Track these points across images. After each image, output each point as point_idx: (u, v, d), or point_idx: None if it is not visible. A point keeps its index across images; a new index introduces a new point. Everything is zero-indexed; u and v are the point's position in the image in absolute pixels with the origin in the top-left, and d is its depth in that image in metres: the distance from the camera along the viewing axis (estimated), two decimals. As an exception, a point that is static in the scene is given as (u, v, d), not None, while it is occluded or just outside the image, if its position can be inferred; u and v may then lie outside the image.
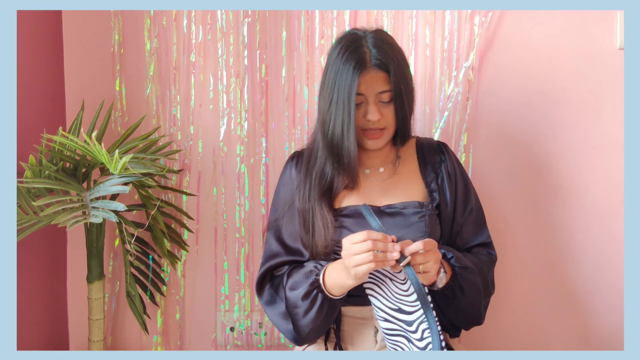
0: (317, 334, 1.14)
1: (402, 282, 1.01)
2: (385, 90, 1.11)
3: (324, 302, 1.08)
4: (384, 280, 1.03)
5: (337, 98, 1.10)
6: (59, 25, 1.48)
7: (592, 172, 1.46)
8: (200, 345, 1.54)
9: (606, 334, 1.49)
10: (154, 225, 1.35)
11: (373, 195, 1.17)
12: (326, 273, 1.07)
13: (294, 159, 1.23)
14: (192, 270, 1.53)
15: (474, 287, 1.12)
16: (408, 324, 1.02)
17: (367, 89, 1.10)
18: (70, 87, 1.49)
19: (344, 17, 1.45)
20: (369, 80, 1.10)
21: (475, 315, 1.17)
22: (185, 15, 1.46)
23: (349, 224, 1.13)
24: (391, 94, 1.11)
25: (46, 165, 1.20)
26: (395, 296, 1.02)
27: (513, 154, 1.47)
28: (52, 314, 1.46)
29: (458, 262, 1.10)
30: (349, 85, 1.08)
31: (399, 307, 1.02)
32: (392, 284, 1.02)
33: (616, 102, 1.43)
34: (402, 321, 1.02)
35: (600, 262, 1.48)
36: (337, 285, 1.06)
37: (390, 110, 1.12)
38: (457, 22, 1.44)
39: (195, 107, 1.49)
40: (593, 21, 1.43)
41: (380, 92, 1.11)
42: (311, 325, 1.10)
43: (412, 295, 0.99)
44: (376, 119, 1.11)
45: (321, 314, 1.09)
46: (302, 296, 1.09)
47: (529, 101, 1.45)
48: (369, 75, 1.10)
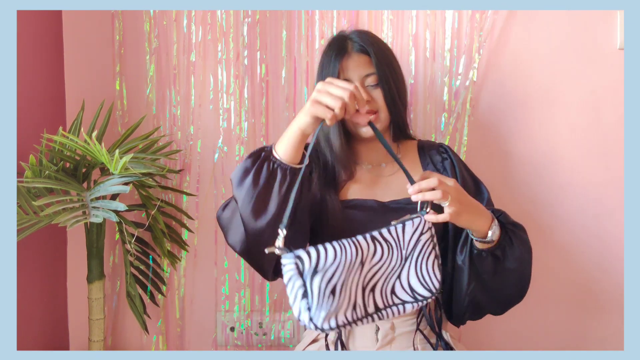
0: (261, 201, 1.01)
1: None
2: (371, 72, 1.13)
3: (265, 159, 1.00)
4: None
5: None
6: (59, 25, 1.48)
7: (592, 172, 1.46)
8: (200, 345, 1.54)
9: (606, 334, 1.49)
10: (154, 225, 1.35)
11: (377, 190, 1.17)
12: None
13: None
14: (192, 270, 1.53)
15: (524, 245, 1.10)
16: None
17: (352, 73, 1.13)
18: (70, 87, 1.49)
19: (344, 17, 1.45)
20: (352, 65, 1.13)
21: (525, 279, 1.12)
22: (185, 15, 1.46)
23: (355, 215, 1.14)
24: (376, 77, 1.13)
25: (46, 165, 1.20)
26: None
27: (513, 153, 1.47)
28: (52, 314, 1.46)
29: (506, 219, 1.09)
30: (331, 71, 1.12)
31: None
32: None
33: (616, 102, 1.44)
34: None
35: (600, 262, 1.48)
36: (283, 137, 1.00)
37: (378, 94, 1.13)
38: (458, 22, 1.44)
39: (195, 107, 1.49)
40: (593, 21, 1.43)
41: (366, 75, 1.13)
42: (248, 183, 1.00)
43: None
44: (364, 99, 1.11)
45: (259, 174, 1.00)
46: (246, 158, 1.03)
47: (529, 101, 1.45)
48: (352, 59, 1.13)
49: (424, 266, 0.97)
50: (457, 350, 1.16)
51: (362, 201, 1.15)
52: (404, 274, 0.96)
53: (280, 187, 1.00)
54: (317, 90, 0.96)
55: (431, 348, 1.14)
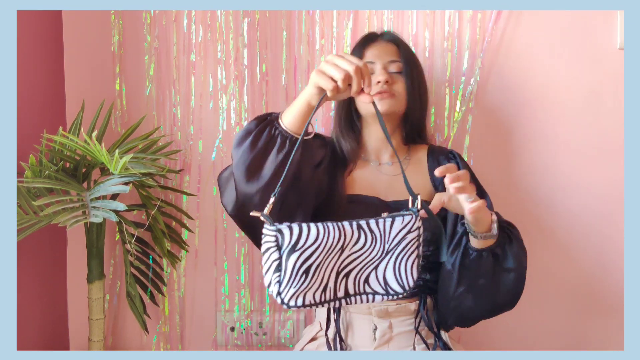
0: (256, 164, 1.01)
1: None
2: (395, 59, 1.19)
3: (268, 124, 1.01)
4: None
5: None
6: (59, 25, 1.48)
7: (592, 173, 1.46)
8: (200, 345, 1.54)
9: (606, 334, 1.49)
10: (154, 225, 1.35)
11: (381, 188, 1.17)
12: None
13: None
14: (192, 270, 1.53)
15: (520, 243, 1.10)
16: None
17: (376, 56, 1.19)
18: (70, 87, 1.49)
19: (344, 17, 1.45)
20: (378, 49, 1.20)
21: (521, 282, 1.11)
22: (185, 15, 1.46)
23: (357, 211, 1.14)
24: (401, 65, 1.18)
25: (46, 165, 1.20)
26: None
27: (513, 154, 1.47)
28: (52, 314, 1.46)
29: (501, 218, 1.08)
30: (358, 53, 1.20)
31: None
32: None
33: (616, 102, 1.44)
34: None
35: (600, 262, 1.48)
36: (290, 106, 1.00)
37: (400, 82, 1.18)
38: (458, 22, 1.44)
39: (195, 107, 1.49)
40: (593, 21, 1.43)
41: (390, 60, 1.19)
42: (247, 144, 1.00)
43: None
44: (384, 79, 1.15)
45: (260, 137, 1.00)
46: (249, 122, 1.04)
47: (528, 101, 1.45)
48: (379, 44, 1.21)
49: (402, 263, 0.95)
50: (457, 351, 1.16)
51: (365, 197, 1.16)
52: (381, 266, 0.95)
53: (278, 154, 0.99)
54: (324, 61, 0.93)
55: (429, 348, 1.14)
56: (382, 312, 1.14)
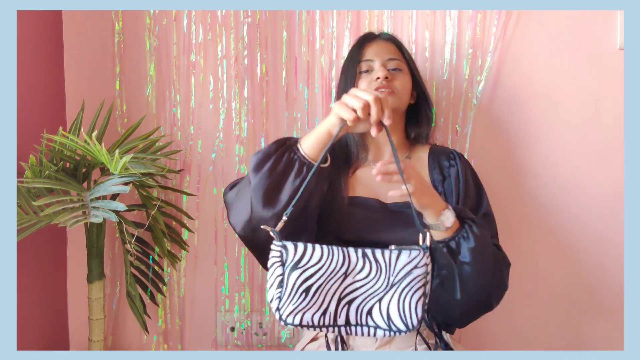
0: (274, 188, 1.02)
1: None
2: (394, 57, 1.20)
3: (287, 149, 1.02)
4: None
5: (346, 71, 1.22)
6: (59, 25, 1.48)
7: (592, 173, 1.46)
8: (200, 345, 1.54)
9: (606, 334, 1.49)
10: (154, 225, 1.35)
11: (380, 189, 1.17)
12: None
13: None
14: (192, 270, 1.53)
15: (481, 239, 1.05)
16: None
17: (375, 54, 1.20)
18: (70, 87, 1.49)
19: (344, 17, 1.45)
20: (377, 47, 1.21)
21: (480, 276, 1.06)
22: (185, 15, 1.46)
23: (357, 213, 1.14)
24: (400, 62, 1.20)
25: (46, 165, 1.20)
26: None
27: (513, 154, 1.47)
28: (52, 314, 1.46)
29: (466, 214, 1.06)
30: (355, 54, 1.21)
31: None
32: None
33: (616, 102, 1.43)
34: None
35: (600, 262, 1.48)
36: (310, 133, 1.02)
37: (399, 79, 1.19)
38: (458, 22, 1.44)
39: (195, 107, 1.49)
40: (593, 21, 1.43)
41: (389, 58, 1.20)
42: (266, 167, 1.01)
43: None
44: (383, 75, 1.16)
45: (279, 161, 1.01)
46: (268, 145, 1.04)
47: (529, 101, 1.45)
48: (378, 43, 1.23)
49: (407, 300, 0.92)
50: (457, 351, 1.16)
51: (365, 199, 1.16)
52: (385, 299, 0.93)
53: (295, 179, 1.00)
54: (346, 94, 0.97)
55: (430, 349, 1.14)
56: (382, 312, 1.13)
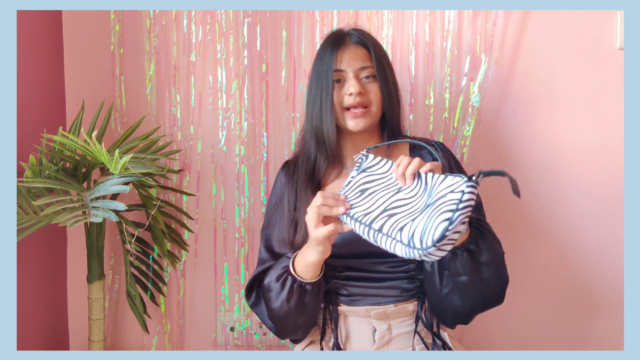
0: (294, 324, 1.13)
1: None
2: (366, 66, 1.14)
3: (294, 285, 1.07)
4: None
5: (318, 78, 1.16)
6: (59, 25, 1.48)
7: (592, 172, 1.46)
8: (200, 345, 1.54)
9: (606, 334, 1.49)
10: (154, 225, 1.35)
11: None
12: (296, 257, 1.08)
13: (284, 167, 1.25)
14: (192, 270, 1.53)
15: (493, 235, 1.09)
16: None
17: (347, 64, 1.14)
18: (70, 87, 1.49)
19: (344, 17, 1.45)
20: (348, 56, 1.14)
21: (502, 274, 1.10)
22: (185, 15, 1.46)
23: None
24: (373, 70, 1.14)
25: (46, 165, 1.20)
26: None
27: (513, 154, 1.47)
28: (52, 314, 1.46)
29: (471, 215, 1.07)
30: (328, 61, 1.14)
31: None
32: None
33: (616, 102, 1.44)
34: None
35: (601, 262, 1.48)
36: (304, 265, 1.05)
37: (373, 88, 1.15)
38: (458, 22, 1.44)
39: (195, 107, 1.49)
40: (593, 21, 1.43)
41: (361, 67, 1.14)
42: (283, 310, 1.09)
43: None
44: (356, 91, 1.12)
45: (291, 298, 1.07)
46: (274, 279, 1.09)
47: (529, 101, 1.45)
48: (349, 50, 1.15)
49: (432, 219, 0.88)
50: (457, 351, 1.16)
51: None
52: (417, 219, 0.91)
53: (297, 304, 1.09)
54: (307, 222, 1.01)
55: (428, 349, 1.14)
56: (380, 314, 1.14)
